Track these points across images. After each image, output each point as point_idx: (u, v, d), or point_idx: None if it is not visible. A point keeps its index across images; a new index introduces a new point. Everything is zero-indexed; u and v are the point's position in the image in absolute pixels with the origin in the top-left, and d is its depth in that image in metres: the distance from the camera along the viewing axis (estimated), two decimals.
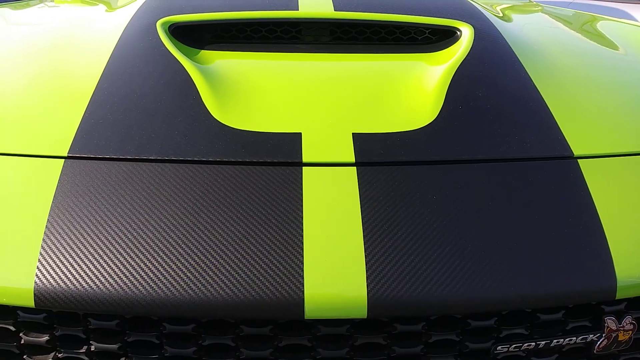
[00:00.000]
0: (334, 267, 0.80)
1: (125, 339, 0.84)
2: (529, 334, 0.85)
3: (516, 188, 0.91)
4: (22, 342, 0.85)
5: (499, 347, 0.84)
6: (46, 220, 0.86)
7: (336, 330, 0.82)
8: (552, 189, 0.92)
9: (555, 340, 0.85)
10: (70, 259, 0.82)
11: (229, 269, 0.80)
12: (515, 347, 0.84)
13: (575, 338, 0.86)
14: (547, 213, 0.88)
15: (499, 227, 0.85)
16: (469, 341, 0.84)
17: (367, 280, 0.79)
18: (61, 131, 0.98)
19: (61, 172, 0.92)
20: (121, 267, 0.81)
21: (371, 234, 0.83)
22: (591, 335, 0.86)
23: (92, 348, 0.84)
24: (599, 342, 0.87)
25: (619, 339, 0.87)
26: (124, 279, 0.80)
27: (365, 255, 0.81)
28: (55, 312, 0.84)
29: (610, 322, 0.86)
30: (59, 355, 0.86)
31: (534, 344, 0.85)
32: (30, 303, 0.80)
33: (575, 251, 0.84)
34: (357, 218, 0.85)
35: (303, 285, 0.79)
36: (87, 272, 0.81)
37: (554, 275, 0.82)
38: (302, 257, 0.81)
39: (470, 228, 0.85)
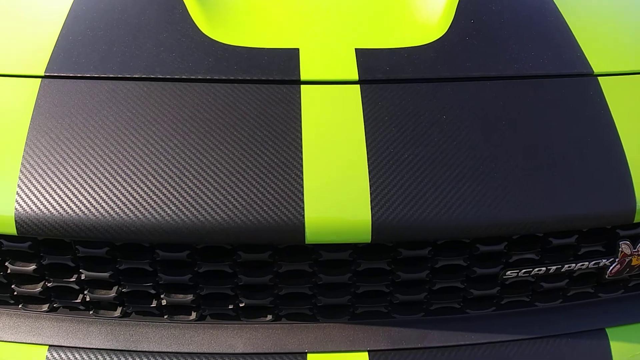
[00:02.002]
0: (336, 190, 0.75)
1: (116, 267, 0.79)
2: (539, 259, 0.81)
3: (531, 107, 0.84)
4: (9, 271, 0.81)
5: (508, 272, 0.81)
6: (24, 144, 0.79)
7: (338, 255, 0.78)
8: (570, 107, 0.85)
9: (566, 265, 0.82)
10: (52, 183, 0.76)
11: (224, 192, 0.75)
12: (524, 272, 0.81)
13: (587, 263, 0.82)
14: (564, 133, 0.82)
15: (512, 147, 0.79)
16: (477, 266, 0.81)
17: (371, 203, 0.74)
18: (37, 49, 0.90)
19: (38, 93, 0.84)
20: (107, 191, 0.75)
21: (376, 156, 0.77)
22: (604, 260, 0.83)
23: (83, 277, 0.81)
24: (611, 267, 0.83)
25: (632, 264, 0.84)
26: (111, 203, 0.74)
27: (370, 178, 0.76)
28: (40, 240, 0.79)
29: (625, 247, 0.82)
30: (48, 284, 0.82)
31: (544, 269, 0.81)
32: (12, 230, 0.75)
33: (594, 173, 0.79)
34: (360, 139, 0.78)
35: (303, 209, 0.74)
36: (71, 197, 0.75)
37: (570, 197, 0.77)
38: (302, 179, 0.75)
39: (482, 149, 0.79)
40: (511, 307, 0.85)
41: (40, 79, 0.86)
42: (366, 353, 0.79)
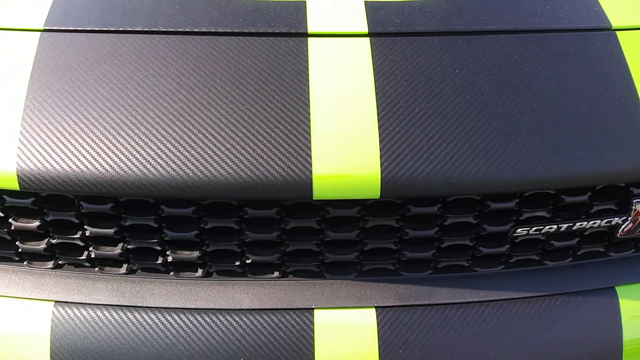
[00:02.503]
0: (345, 145, 0.73)
1: (121, 224, 0.78)
2: (551, 217, 0.80)
3: (546, 61, 0.81)
4: (13, 227, 0.80)
5: (519, 230, 0.79)
6: (24, 98, 0.77)
7: (346, 212, 0.77)
8: (587, 62, 0.82)
9: (578, 224, 0.80)
10: (54, 138, 0.74)
11: (230, 147, 0.73)
12: (535, 230, 0.80)
13: (599, 221, 0.81)
14: (579, 88, 0.79)
15: (527, 103, 0.77)
16: (487, 224, 0.79)
17: (381, 158, 0.72)
18: (36, 1, 0.87)
19: (38, 47, 0.81)
20: (111, 145, 0.73)
21: (386, 110, 0.75)
22: (616, 219, 0.81)
23: (87, 233, 0.80)
24: (623, 226, 0.82)
25: None
26: (115, 158, 0.73)
27: (380, 133, 0.74)
28: (43, 196, 0.78)
29: (639, 206, 0.80)
30: (53, 241, 0.82)
31: (555, 227, 0.80)
32: (15, 186, 0.74)
33: (609, 129, 0.77)
34: (370, 93, 0.76)
35: (311, 164, 0.72)
36: (74, 151, 0.73)
37: (584, 154, 0.75)
38: (309, 134, 0.73)
39: (495, 104, 0.76)
40: (520, 266, 0.84)
41: (39, 33, 0.83)
42: (373, 309, 0.79)
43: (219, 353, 0.77)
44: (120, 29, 0.83)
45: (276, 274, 0.82)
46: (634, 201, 0.80)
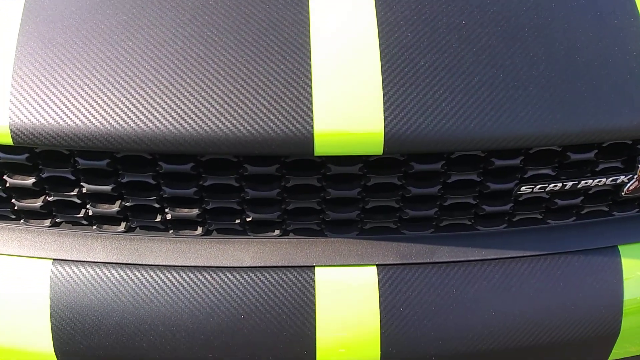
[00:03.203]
0: (347, 99, 0.71)
1: (118, 180, 0.77)
2: (556, 174, 0.79)
3: (557, 13, 0.78)
4: (8, 184, 0.79)
5: (523, 188, 0.78)
6: (14, 50, 0.74)
7: (348, 169, 0.75)
8: (599, 14, 0.78)
9: (583, 182, 0.79)
10: (46, 91, 0.72)
11: (229, 100, 0.71)
12: (539, 188, 0.79)
13: (604, 179, 0.80)
14: (590, 41, 0.76)
15: (535, 55, 0.74)
16: (491, 182, 0.78)
17: (384, 113, 0.70)
18: None
19: None
20: (105, 98, 0.71)
21: (390, 62, 0.72)
22: (622, 177, 0.80)
23: (84, 190, 0.78)
24: (629, 184, 0.81)
25: None
26: (110, 111, 0.71)
27: (383, 87, 0.71)
28: (38, 152, 0.76)
29: None
30: (49, 198, 0.80)
31: (560, 185, 0.79)
32: (8, 140, 0.72)
33: (620, 84, 0.74)
34: (373, 44, 0.73)
35: (312, 119, 0.70)
36: (67, 105, 0.71)
37: (593, 109, 0.73)
38: (311, 87, 0.71)
39: (503, 57, 0.74)
40: (523, 225, 0.84)
41: None
42: (374, 267, 0.78)
43: (219, 310, 0.77)
44: None
45: (277, 232, 0.81)
46: None
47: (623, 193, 0.82)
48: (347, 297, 0.77)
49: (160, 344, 0.78)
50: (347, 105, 0.71)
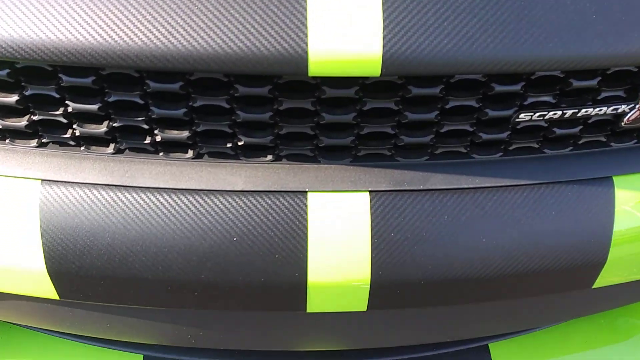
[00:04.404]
0: (345, 16, 0.66)
1: (105, 100, 0.74)
2: (556, 102, 0.77)
3: None
4: None
5: (522, 115, 0.77)
6: None
7: (343, 92, 0.73)
8: None
9: (583, 110, 0.77)
10: (26, 1, 0.67)
11: (218, 14, 0.66)
12: (539, 116, 0.77)
13: (605, 108, 0.78)
14: None
15: None
16: (490, 108, 0.76)
17: (383, 32, 0.67)
18: None
19: None
20: (88, 10, 0.67)
21: None
22: (623, 106, 0.78)
23: (70, 109, 0.76)
24: (630, 114, 0.79)
25: None
26: (93, 24, 0.66)
27: (383, 2, 0.68)
28: (20, 68, 0.73)
29: None
30: (34, 117, 0.78)
31: (560, 112, 0.77)
32: None
33: (632, 7, 0.71)
34: None
35: (306, 36, 0.67)
36: (48, 16, 0.67)
37: (599, 34, 0.70)
38: (305, 2, 0.67)
39: None
40: (519, 153, 0.83)
41: None
42: (367, 193, 0.78)
43: (212, 233, 0.77)
44: None
45: (269, 157, 0.80)
46: None
47: (623, 123, 0.80)
48: (339, 222, 0.77)
49: (152, 265, 0.78)
50: (344, 23, 0.67)
